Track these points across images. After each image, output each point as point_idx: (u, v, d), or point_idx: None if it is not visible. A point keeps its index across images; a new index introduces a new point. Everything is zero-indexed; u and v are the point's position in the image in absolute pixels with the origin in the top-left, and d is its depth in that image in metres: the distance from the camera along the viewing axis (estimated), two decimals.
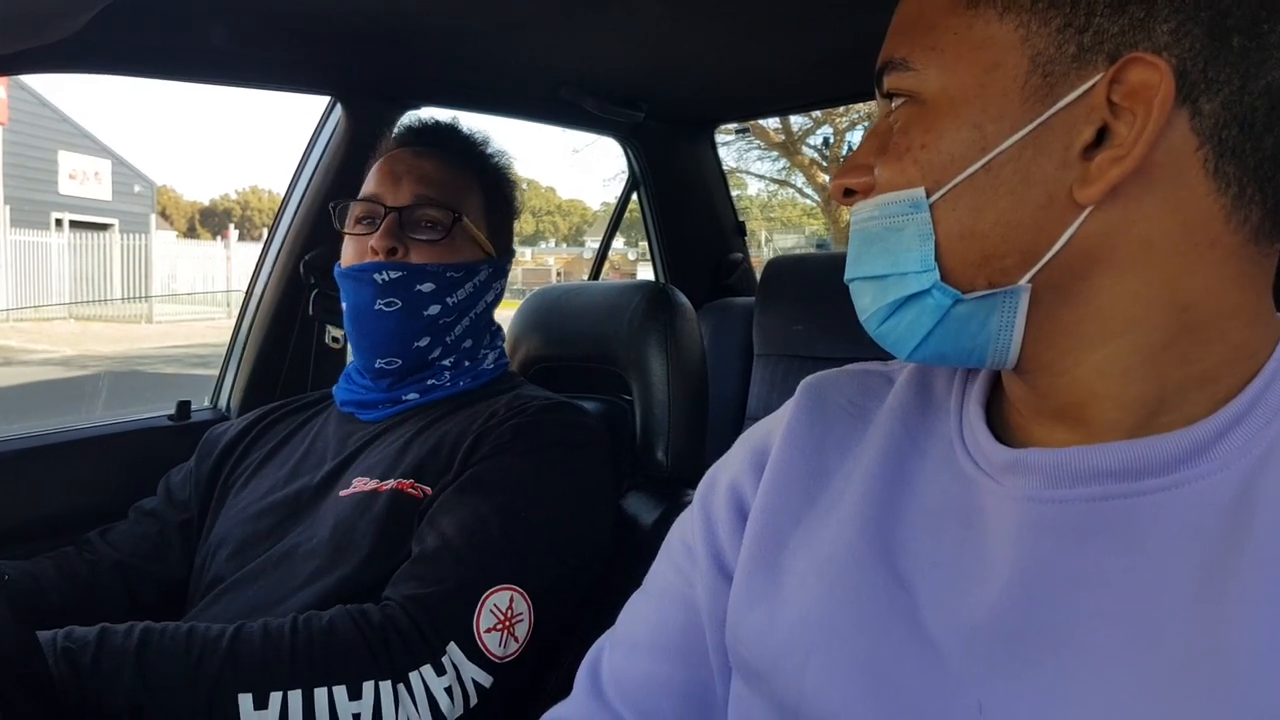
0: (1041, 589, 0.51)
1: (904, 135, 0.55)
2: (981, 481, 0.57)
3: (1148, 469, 0.50)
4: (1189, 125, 0.49)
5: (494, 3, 1.27)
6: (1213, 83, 0.48)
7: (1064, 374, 0.54)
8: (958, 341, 0.55)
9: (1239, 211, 0.50)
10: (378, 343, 1.19)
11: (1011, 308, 0.53)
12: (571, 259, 31.58)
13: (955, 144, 0.52)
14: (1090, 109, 0.49)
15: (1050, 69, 0.50)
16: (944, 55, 0.53)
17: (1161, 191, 0.49)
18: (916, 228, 0.54)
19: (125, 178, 18.87)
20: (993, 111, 0.51)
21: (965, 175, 0.52)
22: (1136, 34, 0.48)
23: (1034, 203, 0.51)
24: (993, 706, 0.49)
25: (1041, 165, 0.50)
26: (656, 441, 1.27)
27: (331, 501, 1.11)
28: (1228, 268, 0.50)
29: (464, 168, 1.26)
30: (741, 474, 0.69)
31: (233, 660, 0.87)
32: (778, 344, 2.01)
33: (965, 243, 0.53)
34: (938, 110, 0.53)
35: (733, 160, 15.16)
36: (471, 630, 0.94)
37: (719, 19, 1.40)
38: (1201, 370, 0.51)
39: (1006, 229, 0.51)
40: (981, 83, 0.52)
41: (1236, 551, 0.46)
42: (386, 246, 1.17)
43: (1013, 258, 0.52)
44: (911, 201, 0.54)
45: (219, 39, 1.30)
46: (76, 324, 12.94)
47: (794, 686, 0.58)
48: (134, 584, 1.19)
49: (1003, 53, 0.51)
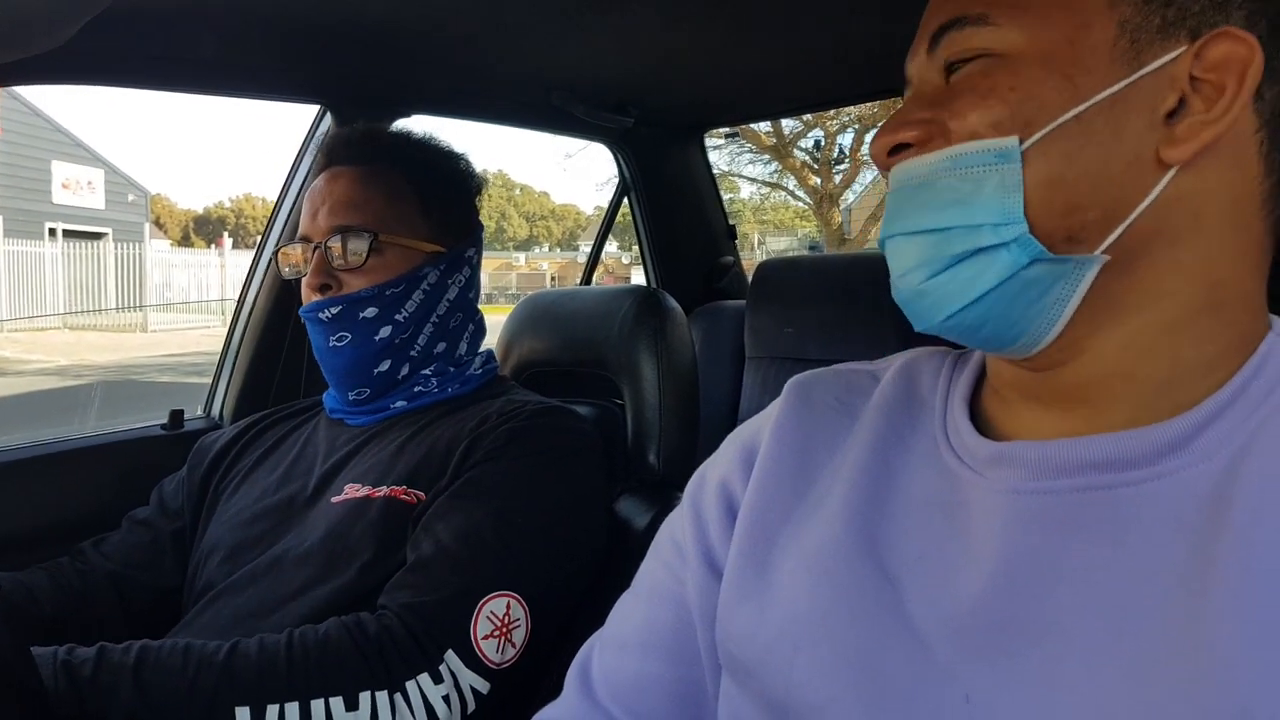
0: (1026, 580, 0.51)
1: (985, 78, 0.54)
2: (966, 475, 0.58)
3: (1131, 460, 0.51)
4: (1253, 107, 0.52)
5: (483, 10, 1.27)
6: (1275, 70, 0.52)
7: (1087, 351, 0.54)
8: (1009, 309, 0.54)
9: (1273, 199, 0.53)
10: (340, 379, 1.20)
11: (1077, 280, 0.53)
12: (566, 263, 31.60)
13: (1046, 90, 0.52)
14: (1173, 79, 0.52)
15: (1137, 36, 0.52)
16: (1029, 13, 0.54)
17: (1226, 165, 0.52)
18: (1001, 178, 0.52)
19: (119, 187, 18.84)
20: (1084, 65, 0.52)
21: (1059, 122, 0.52)
22: (1216, 14, 0.51)
23: (1123, 157, 0.52)
24: (979, 697, 0.50)
25: (1131, 122, 0.52)
26: (648, 445, 1.27)
27: (323, 508, 1.11)
28: (1251, 252, 0.53)
29: (385, 174, 1.23)
30: (731, 472, 0.70)
31: (229, 674, 0.87)
32: (769, 347, 2.02)
33: (1052, 190, 0.52)
34: (1023, 60, 0.53)
35: (725, 164, 15.21)
36: (469, 637, 0.95)
37: (708, 24, 1.41)
38: (1213, 353, 0.52)
39: (1095, 180, 0.52)
40: (1071, 39, 0.53)
41: (1216, 542, 0.47)
42: (318, 284, 1.17)
43: (1095, 211, 0.52)
44: (999, 151, 0.53)
45: (208, 49, 1.30)
46: (71, 334, 12.92)
47: (782, 681, 0.58)
48: (127, 594, 1.19)
49: (1091, 14, 0.53)
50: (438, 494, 1.06)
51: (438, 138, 1.32)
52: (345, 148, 1.25)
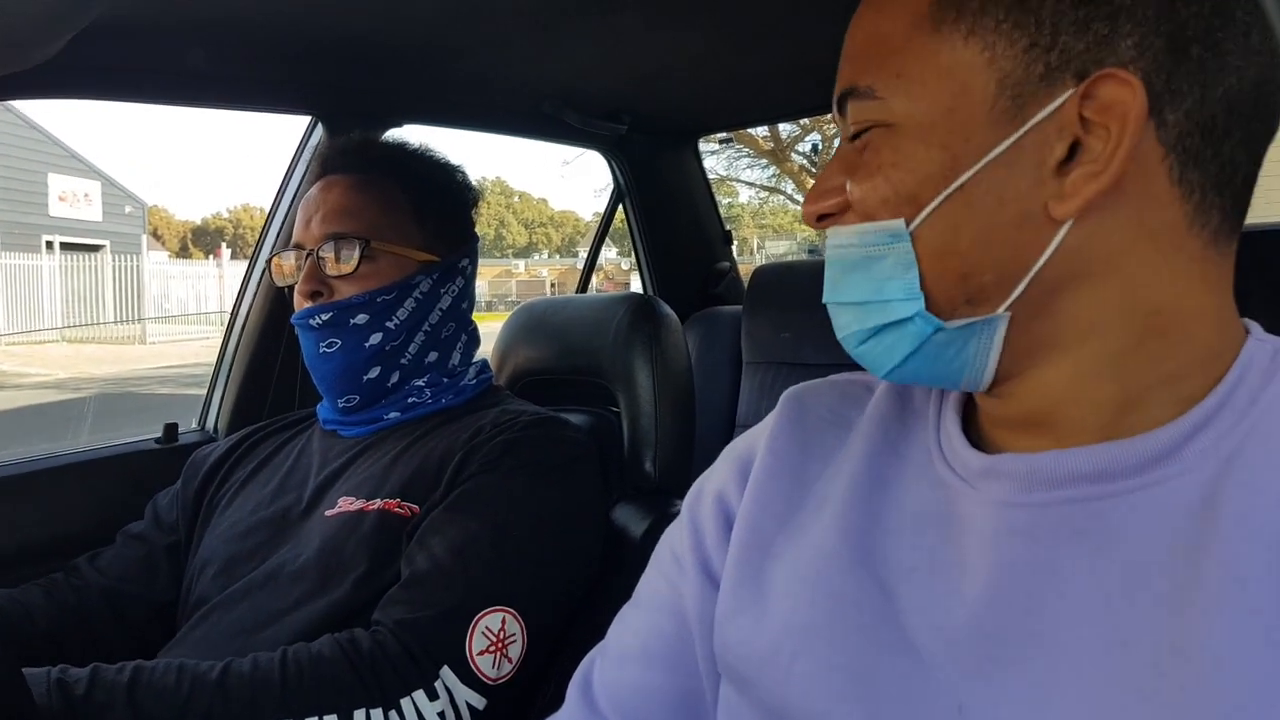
0: (1018, 592, 0.51)
1: (874, 154, 0.55)
2: (958, 488, 0.58)
3: (1119, 471, 0.51)
4: (1155, 136, 0.50)
5: (475, 20, 1.27)
6: (1176, 93, 0.49)
7: (1032, 381, 0.55)
8: (935, 366, 0.56)
9: (1201, 216, 0.51)
10: (330, 385, 1.20)
11: (990, 335, 0.54)
12: (565, 270, 31.67)
13: (927, 165, 0.53)
14: (1061, 126, 0.50)
15: (1019, 90, 0.50)
16: (910, 82, 0.53)
17: (1132, 202, 0.50)
18: (897, 257, 0.54)
19: (116, 199, 18.88)
20: (962, 134, 0.52)
21: (940, 198, 0.52)
22: (1101, 50, 0.49)
23: (1009, 220, 0.51)
24: (973, 708, 0.50)
25: (1015, 183, 0.51)
26: (644, 453, 1.27)
27: (317, 521, 1.10)
28: (1192, 271, 0.52)
29: (379, 183, 1.22)
30: (727, 484, 0.70)
31: (223, 693, 0.87)
32: (766, 352, 2.02)
33: (944, 261, 0.53)
34: (907, 133, 0.53)
35: (723, 168, 15.23)
36: (464, 653, 0.94)
37: (699, 31, 1.41)
38: (1170, 370, 0.52)
39: (984, 247, 0.52)
40: (949, 107, 0.52)
41: (1205, 552, 0.47)
42: (309, 291, 1.17)
43: (990, 275, 0.52)
44: (891, 232, 0.54)
45: (198, 61, 1.30)
46: (69, 346, 12.93)
47: (779, 691, 0.58)
48: (122, 609, 1.18)
49: (970, 76, 0.52)
50: (432, 507, 1.05)
51: (433, 148, 1.32)
52: (340, 157, 1.25)
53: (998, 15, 0.51)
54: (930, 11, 0.53)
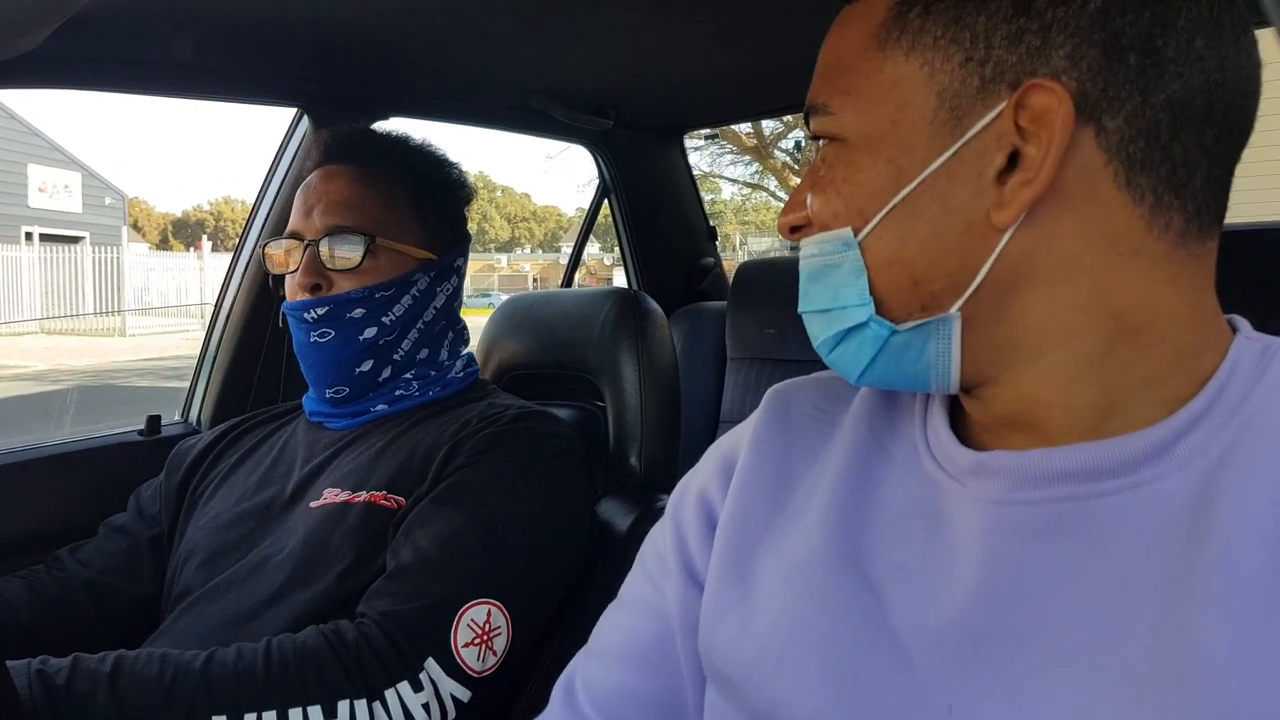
0: (1007, 590, 0.51)
1: (829, 170, 0.58)
2: (946, 485, 0.58)
3: (1109, 470, 0.51)
4: (1095, 142, 0.51)
5: (461, 13, 1.27)
6: (1114, 100, 0.50)
7: (1008, 386, 0.55)
8: (900, 368, 0.58)
9: (1159, 218, 0.51)
10: (320, 375, 1.19)
11: (946, 335, 0.55)
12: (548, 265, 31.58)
13: (874, 178, 0.55)
14: (999, 136, 0.51)
15: (957, 102, 0.52)
16: (859, 98, 0.56)
17: (1077, 208, 0.51)
18: (850, 264, 0.57)
19: (96, 190, 18.72)
20: (905, 146, 0.54)
21: (887, 209, 0.55)
22: (1034, 61, 0.51)
23: (954, 228, 0.53)
24: (962, 708, 0.50)
25: (956, 193, 0.53)
26: (629, 448, 1.27)
27: (302, 513, 1.10)
28: (1158, 272, 0.52)
29: (382, 175, 1.22)
30: (710, 483, 0.70)
31: (206, 683, 0.86)
32: (750, 347, 2.02)
33: (894, 269, 0.55)
34: (856, 148, 0.56)
35: (706, 165, 15.22)
36: (449, 645, 0.94)
37: (686, 26, 1.41)
38: (1147, 373, 0.52)
39: (931, 255, 0.54)
40: (894, 120, 0.54)
41: (1197, 551, 0.47)
42: (308, 284, 1.16)
43: (940, 282, 0.54)
44: (843, 240, 0.57)
45: (184, 52, 1.29)
46: (48, 338, 12.81)
47: (767, 694, 0.58)
48: (105, 601, 1.18)
49: (911, 91, 0.54)
50: (418, 499, 1.05)
51: (434, 144, 1.31)
52: (343, 147, 1.24)
53: (935, 32, 0.53)
54: (877, 31, 0.56)
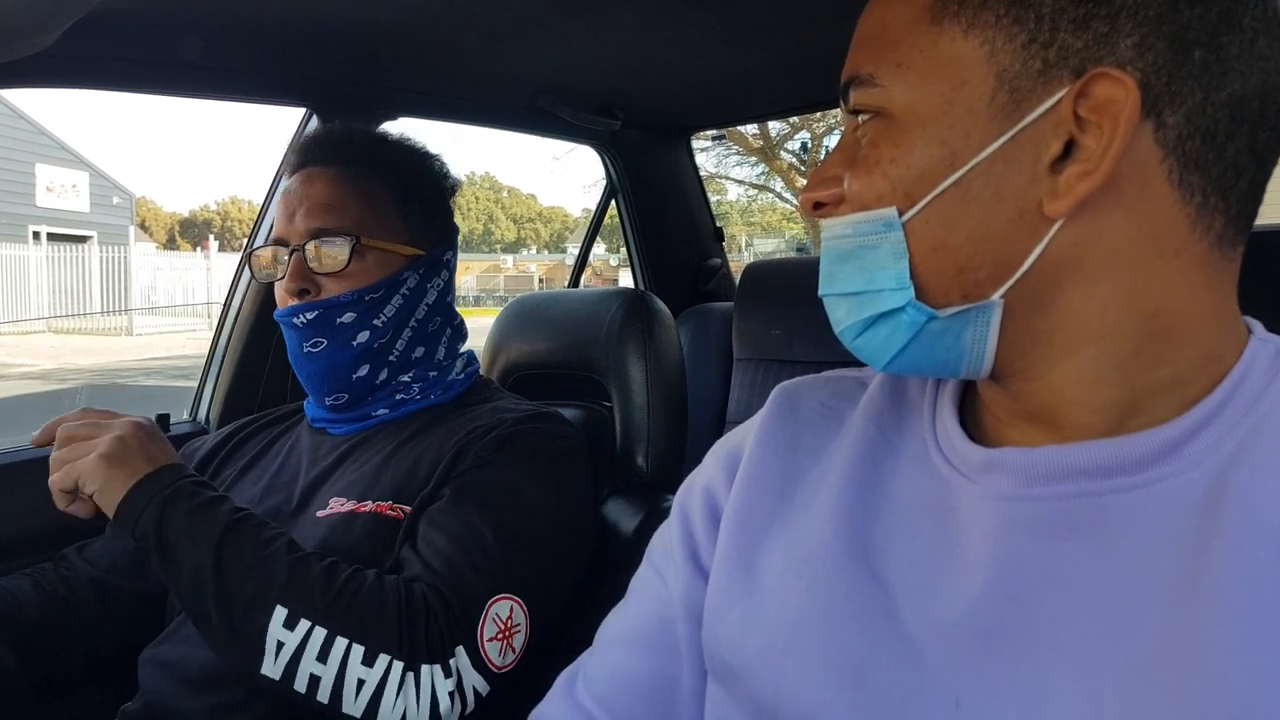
0: (1017, 586, 0.51)
1: (873, 149, 0.55)
2: (956, 481, 0.57)
3: (1120, 467, 0.51)
4: (1153, 137, 0.49)
5: (470, 13, 1.27)
6: (1176, 95, 0.49)
7: (1037, 380, 0.55)
8: (933, 355, 0.56)
9: (1203, 220, 0.51)
10: (317, 384, 1.18)
11: (985, 322, 0.54)
12: (554, 265, 31.59)
13: (924, 159, 0.53)
14: (1057, 123, 0.50)
15: (1016, 85, 0.50)
16: (910, 72, 0.54)
17: (1128, 203, 0.50)
18: (890, 246, 0.54)
19: (103, 189, 18.78)
20: (961, 128, 0.52)
21: (936, 192, 0.52)
22: (1100, 49, 0.49)
23: (1005, 216, 0.51)
24: (970, 702, 0.50)
25: (1011, 179, 0.51)
26: (636, 448, 1.27)
27: (308, 521, 1.10)
28: (1194, 274, 0.51)
29: (363, 174, 1.20)
30: (715, 477, 0.70)
31: (288, 572, 0.92)
32: (757, 348, 2.02)
33: (938, 255, 0.53)
34: (905, 125, 0.54)
35: (712, 166, 15.23)
36: (476, 638, 0.95)
37: (693, 27, 1.41)
38: (1172, 374, 0.52)
39: (979, 242, 0.52)
40: (949, 99, 0.52)
41: (1207, 549, 0.47)
42: (296, 289, 1.14)
43: (985, 270, 0.52)
44: (884, 221, 0.54)
45: (194, 52, 1.29)
46: (56, 337, 12.86)
47: (772, 686, 0.58)
48: (112, 600, 1.18)
49: (969, 69, 0.52)
50: (422, 504, 1.05)
51: (413, 138, 1.30)
52: (321, 148, 1.22)
53: (998, 10, 0.51)
54: (932, 4, 0.53)
